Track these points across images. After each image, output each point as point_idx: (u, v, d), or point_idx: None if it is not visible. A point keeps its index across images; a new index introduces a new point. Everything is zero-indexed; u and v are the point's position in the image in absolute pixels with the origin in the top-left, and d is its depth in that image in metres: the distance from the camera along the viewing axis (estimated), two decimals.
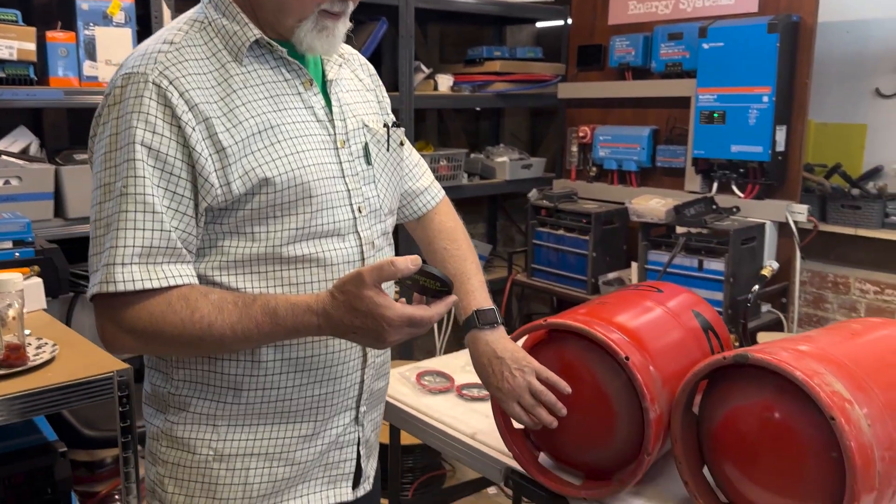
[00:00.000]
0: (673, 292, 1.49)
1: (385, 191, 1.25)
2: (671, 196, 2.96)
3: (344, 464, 1.23)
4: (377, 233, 1.21)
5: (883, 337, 1.26)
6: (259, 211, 1.08)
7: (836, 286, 3.06)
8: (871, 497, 1.02)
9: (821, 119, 3.06)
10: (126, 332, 1.05)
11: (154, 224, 1.02)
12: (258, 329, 1.03)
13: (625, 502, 1.27)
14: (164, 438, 1.16)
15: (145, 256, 1.02)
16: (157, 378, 1.18)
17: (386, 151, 1.26)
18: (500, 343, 1.26)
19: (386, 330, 1.00)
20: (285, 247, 1.10)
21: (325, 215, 1.12)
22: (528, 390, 1.22)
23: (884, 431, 1.05)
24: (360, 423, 1.24)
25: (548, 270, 3.26)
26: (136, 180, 1.02)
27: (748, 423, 1.14)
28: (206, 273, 1.10)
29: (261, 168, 1.06)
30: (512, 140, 4.14)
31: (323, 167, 1.12)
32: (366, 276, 0.99)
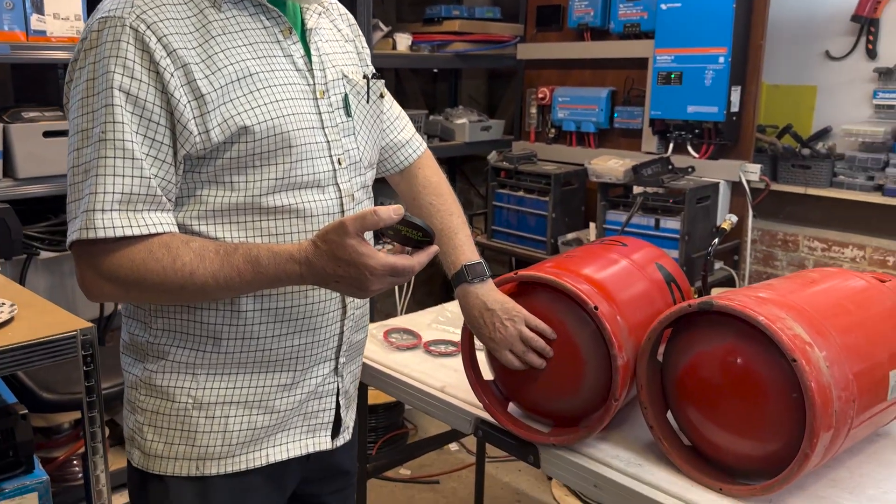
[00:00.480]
0: (637, 246, 1.52)
1: (365, 143, 1.24)
2: (629, 157, 3.00)
3: (323, 413, 1.24)
4: (357, 185, 1.21)
5: (839, 284, 1.31)
6: (238, 160, 1.07)
7: (786, 244, 3.15)
8: (828, 435, 1.08)
9: (773, 81, 3.12)
10: (106, 280, 1.03)
11: (134, 171, 1.01)
12: (240, 277, 1.03)
13: (592, 447, 1.31)
14: (143, 387, 1.16)
15: (125, 203, 1.01)
16: (135, 327, 1.17)
17: (366, 103, 1.25)
18: (490, 295, 1.29)
19: (368, 279, 1.01)
20: (264, 197, 1.09)
21: (305, 166, 1.12)
22: (519, 338, 1.25)
23: (840, 372, 1.10)
24: (339, 374, 1.25)
25: (507, 232, 3.29)
26: (114, 126, 1.00)
27: (711, 368, 1.18)
28: (185, 222, 1.08)
29: (240, 116, 1.05)
30: (470, 102, 4.13)
31: (302, 117, 1.11)
32: (348, 224, 0.99)
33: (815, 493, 1.19)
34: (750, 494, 1.15)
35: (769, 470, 1.14)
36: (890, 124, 2.80)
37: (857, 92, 2.93)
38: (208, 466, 1.16)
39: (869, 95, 2.88)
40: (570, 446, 1.31)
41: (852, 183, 2.85)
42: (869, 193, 2.81)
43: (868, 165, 2.83)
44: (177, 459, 1.16)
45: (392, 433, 3.14)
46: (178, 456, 1.15)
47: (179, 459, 1.16)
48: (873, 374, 1.19)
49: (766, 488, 1.12)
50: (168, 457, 1.16)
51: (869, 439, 1.36)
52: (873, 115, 2.89)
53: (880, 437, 1.38)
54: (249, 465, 1.18)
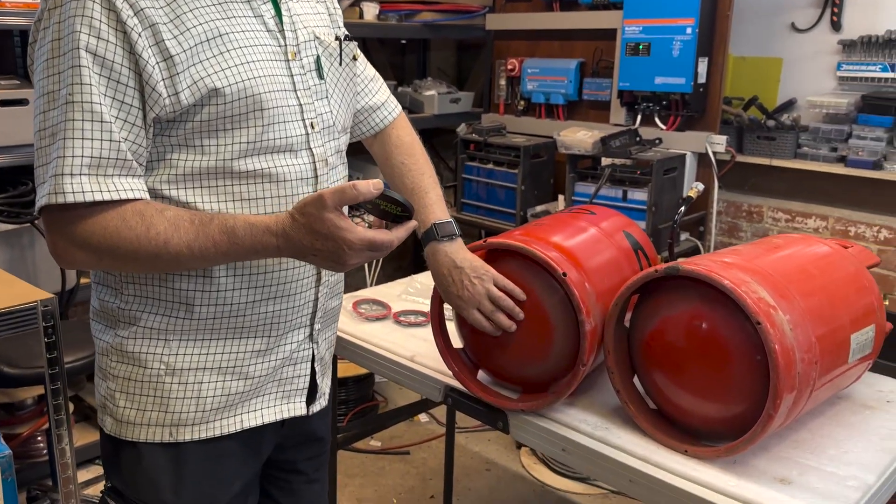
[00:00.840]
0: (605, 215, 1.53)
1: (338, 107, 1.22)
2: (597, 129, 3.01)
3: (298, 379, 1.24)
4: (331, 150, 1.19)
5: (802, 250, 1.33)
6: (209, 123, 1.04)
7: (751, 215, 3.20)
8: (791, 396, 1.10)
9: (739, 53, 3.14)
10: (78, 247, 1.01)
11: (103, 134, 0.98)
12: (215, 248, 1.01)
13: (560, 412, 1.32)
14: (115, 353, 1.14)
15: (95, 167, 0.98)
16: (105, 293, 1.15)
17: (339, 66, 1.23)
18: (458, 254, 1.28)
19: (346, 253, 1.00)
20: (236, 161, 1.07)
21: (277, 129, 1.10)
22: (487, 297, 1.25)
23: (803, 335, 1.12)
24: (314, 341, 1.24)
25: (477, 205, 3.29)
26: (81, 87, 0.97)
27: (677, 333, 1.19)
28: (156, 187, 1.06)
29: (210, 78, 1.02)
30: (439, 74, 4.09)
31: (274, 79, 1.09)
32: (327, 198, 0.97)
33: (778, 454, 1.21)
34: (714, 456, 1.17)
35: (734, 432, 1.16)
36: (853, 96, 2.84)
37: (821, 64, 2.96)
38: (182, 432, 1.15)
39: (833, 67, 2.91)
40: (538, 412, 1.33)
41: (816, 154, 2.90)
42: (832, 164, 2.86)
43: (832, 137, 2.87)
44: (150, 426, 1.14)
45: (362, 405, 3.15)
46: (151, 422, 1.14)
47: (152, 426, 1.14)
48: (835, 336, 1.21)
49: (730, 449, 1.14)
50: (141, 423, 1.14)
51: (830, 401, 1.39)
52: (837, 87, 2.93)
53: (841, 399, 1.41)
54: (223, 430, 1.17)
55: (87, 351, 2.24)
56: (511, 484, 2.77)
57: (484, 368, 1.41)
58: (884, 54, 2.78)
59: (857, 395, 1.43)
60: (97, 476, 2.63)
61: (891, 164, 2.76)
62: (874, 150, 2.75)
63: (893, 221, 2.84)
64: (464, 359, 1.41)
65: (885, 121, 2.74)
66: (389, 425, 2.95)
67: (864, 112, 2.80)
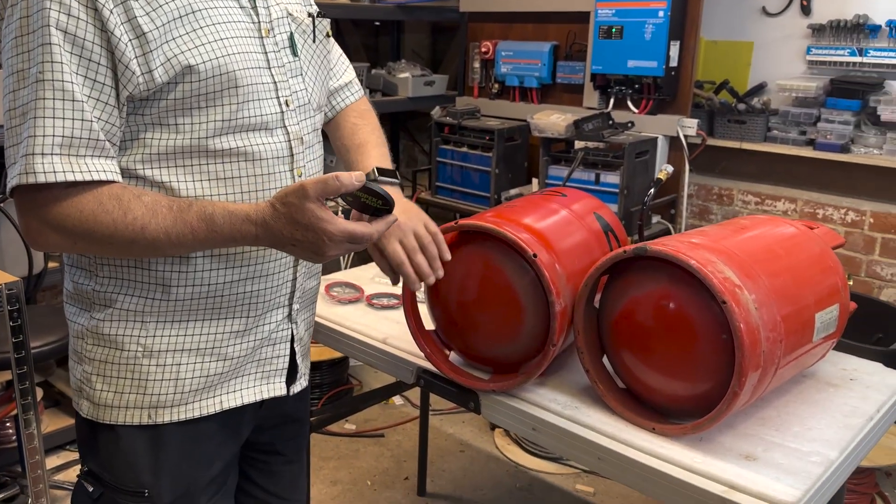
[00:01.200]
0: (576, 197, 1.54)
1: (313, 84, 1.21)
2: (570, 112, 3.01)
3: (277, 360, 1.23)
4: (306, 128, 1.19)
5: (769, 231, 1.35)
6: (182, 101, 1.03)
7: (721, 198, 3.23)
8: (756, 374, 1.12)
9: (711, 36, 3.16)
10: (53, 230, 0.99)
11: (74, 113, 0.96)
12: (193, 235, 1.00)
13: (531, 392, 1.33)
14: (90, 336, 1.13)
15: (67, 147, 0.96)
16: (79, 276, 1.13)
17: (312, 43, 1.22)
18: (396, 195, 1.23)
19: (326, 244, 0.99)
20: (211, 139, 1.06)
21: (252, 107, 1.09)
22: (412, 232, 1.22)
23: (769, 314, 1.14)
24: (293, 321, 1.24)
25: (451, 188, 3.29)
26: (52, 66, 0.95)
27: (645, 313, 1.21)
28: (130, 166, 1.05)
29: (183, 55, 1.01)
30: (413, 57, 4.07)
31: (248, 56, 1.08)
32: (309, 188, 0.97)
33: (744, 431, 1.24)
34: (681, 433, 1.18)
35: (700, 410, 1.17)
36: (822, 80, 2.88)
37: (791, 48, 2.99)
38: (160, 414, 1.14)
39: (803, 51, 2.95)
40: (509, 392, 1.34)
41: (785, 137, 2.93)
42: (801, 148, 2.89)
43: (801, 120, 2.91)
44: (127, 408, 1.14)
45: (337, 389, 3.15)
46: (129, 405, 1.13)
47: (130, 408, 1.14)
48: (800, 316, 1.23)
49: (696, 426, 1.16)
50: (118, 406, 1.14)
51: (795, 380, 1.42)
52: (807, 71, 2.96)
53: (806, 377, 1.44)
54: (202, 411, 1.17)
55: (56, 335, 2.22)
56: (485, 465, 2.79)
57: (456, 350, 1.41)
58: (852, 39, 2.81)
59: (821, 374, 1.46)
60: (68, 461, 2.60)
61: (858, 148, 2.80)
62: (842, 134, 2.79)
63: (860, 204, 2.89)
64: (436, 340, 1.42)
65: (852, 104, 2.78)
66: (363, 408, 2.96)
67: (832, 96, 2.83)
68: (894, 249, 2.84)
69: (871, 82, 2.76)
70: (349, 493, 2.61)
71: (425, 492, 2.62)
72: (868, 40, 2.79)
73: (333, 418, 2.67)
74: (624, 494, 2.60)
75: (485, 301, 1.30)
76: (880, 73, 2.79)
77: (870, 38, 2.78)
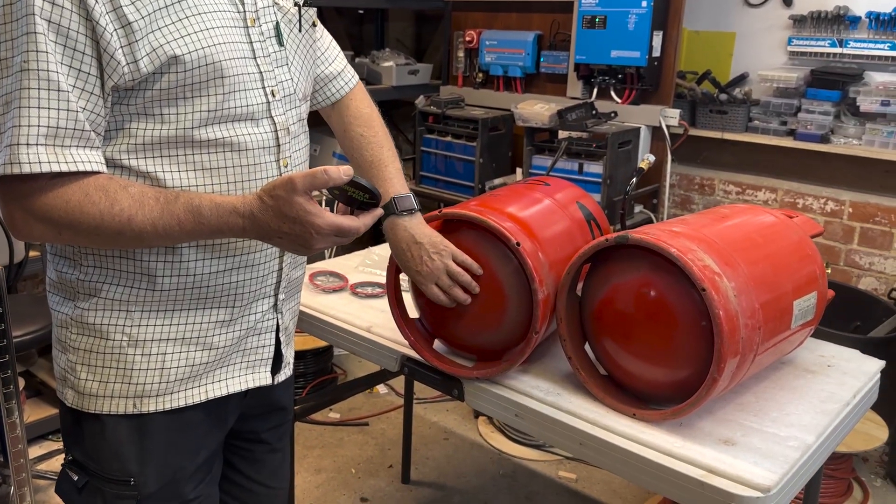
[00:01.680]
0: (559, 186, 1.55)
1: (299, 74, 1.21)
2: (554, 102, 3.02)
3: (262, 349, 1.24)
4: (292, 119, 1.19)
5: (749, 220, 1.37)
6: (168, 91, 1.03)
7: (703, 188, 3.26)
8: (735, 360, 1.13)
9: (693, 27, 3.18)
10: (39, 221, 0.99)
11: (60, 103, 0.96)
12: (180, 227, 1.00)
13: (514, 379, 1.35)
14: (75, 325, 1.12)
15: (52, 137, 0.96)
16: (62, 265, 1.13)
17: (298, 32, 1.21)
18: (418, 229, 1.28)
19: (313, 237, 1.00)
20: (197, 130, 1.06)
21: (238, 98, 1.08)
22: (445, 272, 1.26)
23: (747, 301, 1.16)
24: (278, 311, 1.24)
25: (436, 177, 3.29)
26: (37, 55, 0.94)
27: (626, 300, 1.22)
28: (115, 157, 1.04)
29: (169, 45, 1.00)
30: (397, 45, 4.06)
31: (234, 46, 1.08)
32: (297, 181, 0.97)
33: (723, 416, 1.26)
34: (661, 418, 1.20)
35: (680, 396, 1.19)
36: (803, 70, 2.90)
37: (773, 38, 3.01)
38: (146, 404, 1.14)
39: (784, 42, 2.97)
40: (492, 379, 1.35)
41: (766, 128, 2.96)
42: (782, 138, 2.92)
43: (781, 110, 2.93)
44: (112, 397, 1.13)
45: (321, 378, 3.15)
46: (114, 394, 1.13)
47: (115, 397, 1.13)
48: (778, 303, 1.25)
49: (676, 412, 1.18)
50: (104, 395, 1.13)
51: (773, 366, 1.44)
52: (788, 62, 2.98)
53: (784, 364, 1.47)
54: (188, 401, 1.17)
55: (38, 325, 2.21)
56: (468, 452, 2.81)
57: (440, 338, 1.42)
58: (832, 30, 2.84)
59: (799, 360, 1.48)
60: (51, 451, 2.59)
61: (838, 138, 2.83)
62: (822, 124, 2.82)
63: (839, 194, 2.93)
64: (420, 329, 1.42)
65: (832, 95, 2.81)
66: (348, 396, 2.97)
67: (813, 86, 2.86)
68: (873, 239, 2.89)
69: (851, 73, 2.79)
70: (333, 481, 2.62)
71: (409, 479, 2.64)
72: (848, 31, 2.82)
73: (317, 407, 2.67)
74: (605, 480, 2.63)
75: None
76: (860, 64, 2.81)
77: (850, 29, 2.81)
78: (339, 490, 2.58)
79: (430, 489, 2.60)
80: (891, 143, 2.70)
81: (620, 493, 2.58)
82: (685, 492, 1.11)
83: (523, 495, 2.56)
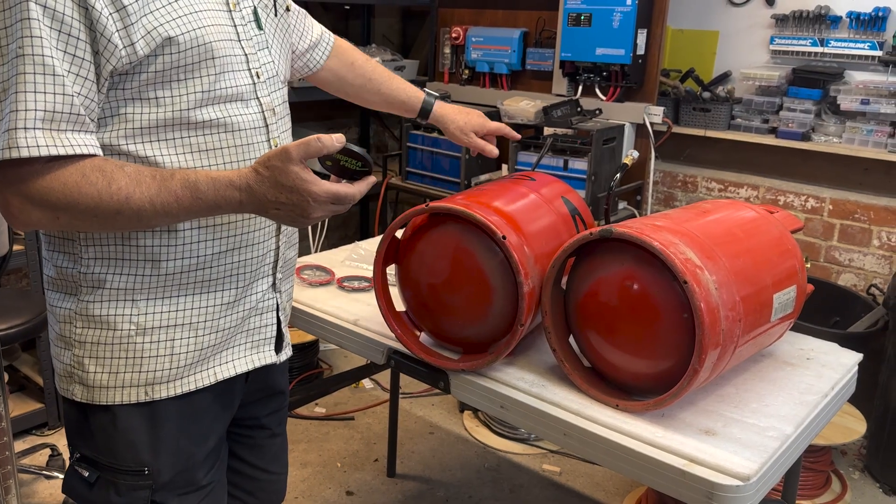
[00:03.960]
0: (545, 181, 1.56)
1: (278, 57, 1.24)
2: (540, 99, 3.04)
3: (265, 329, 1.26)
4: (277, 100, 1.21)
5: (730, 214, 1.39)
6: (162, 74, 1.04)
7: (685, 185, 3.29)
8: (716, 352, 1.16)
9: (677, 25, 3.21)
10: (36, 205, 0.99)
11: (56, 88, 0.96)
12: (178, 203, 1.01)
13: (499, 371, 1.37)
14: (80, 319, 1.13)
15: (49, 122, 0.96)
16: (62, 260, 1.13)
17: (274, 17, 1.24)
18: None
19: (311, 205, 1.01)
20: (192, 111, 1.07)
21: (227, 79, 1.10)
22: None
23: (728, 294, 1.18)
24: (277, 290, 1.26)
25: (422, 173, 3.30)
26: (32, 41, 0.94)
27: (610, 293, 1.24)
28: (113, 142, 1.05)
29: (163, 27, 1.02)
30: (384, 41, 4.06)
31: (221, 29, 1.09)
32: (292, 151, 0.98)
33: (704, 407, 1.28)
34: (643, 409, 1.22)
35: (662, 387, 1.21)
36: (784, 69, 2.94)
37: (755, 37, 3.05)
38: (157, 390, 1.15)
39: (766, 41, 3.01)
40: (478, 371, 1.36)
41: (748, 125, 2.99)
42: (764, 136, 2.96)
43: (763, 109, 2.97)
44: (124, 388, 1.14)
45: (307, 373, 3.16)
46: (126, 384, 1.14)
47: (127, 387, 1.14)
48: (759, 297, 1.27)
49: (658, 403, 1.20)
50: (114, 386, 1.14)
51: (754, 359, 1.47)
52: (770, 60, 3.02)
53: (764, 356, 1.49)
54: (198, 384, 1.18)
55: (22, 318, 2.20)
56: (454, 446, 2.83)
57: (426, 330, 1.44)
58: (814, 29, 2.88)
59: (779, 353, 1.51)
60: (34, 446, 2.59)
61: (818, 136, 2.87)
62: (803, 122, 2.86)
63: (820, 191, 2.97)
64: (406, 321, 1.44)
65: (813, 93, 2.85)
66: (333, 390, 2.97)
67: (794, 85, 2.90)
68: (852, 235, 2.93)
69: (832, 72, 2.83)
70: (319, 475, 2.63)
71: (395, 473, 2.65)
72: (829, 31, 2.86)
73: (303, 401, 2.68)
74: (589, 473, 2.66)
75: (455, 282, 1.32)
76: (840, 63, 2.86)
77: (831, 28, 2.85)
78: (324, 484, 2.59)
79: (415, 482, 2.62)
80: (870, 142, 2.75)
81: (603, 486, 2.61)
82: (667, 480, 1.13)
83: (508, 488, 2.59)
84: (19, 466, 2.42)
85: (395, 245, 1.40)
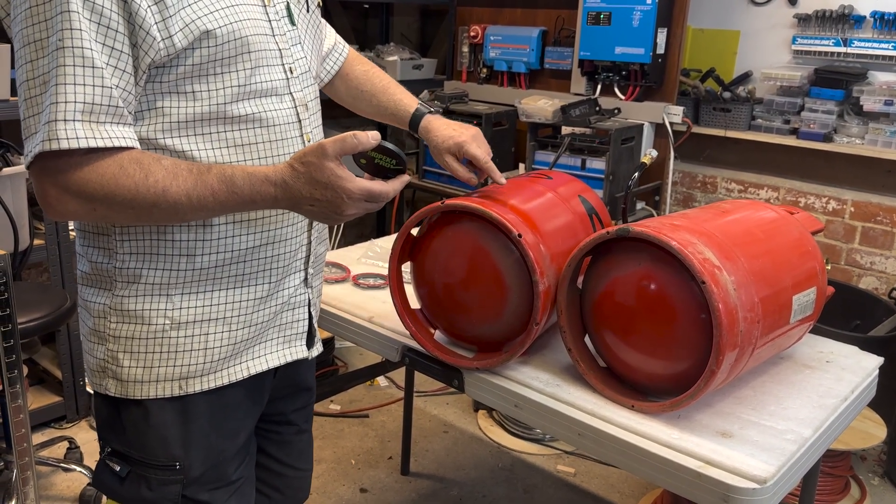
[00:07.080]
0: (562, 180, 1.56)
1: (310, 53, 1.24)
2: (558, 98, 3.03)
3: (297, 324, 1.26)
4: (310, 95, 1.22)
5: (750, 215, 1.37)
6: (199, 67, 1.04)
7: (705, 185, 3.26)
8: (733, 353, 1.14)
9: (698, 24, 3.18)
10: (73, 196, 1.00)
11: (95, 80, 0.97)
12: (214, 197, 1.01)
13: (514, 370, 1.36)
14: (114, 314, 1.13)
15: (88, 114, 0.97)
16: (96, 255, 1.14)
17: (306, 13, 1.24)
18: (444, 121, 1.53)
19: (345, 202, 1.01)
20: (228, 106, 1.08)
21: (262, 73, 1.11)
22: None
23: (747, 295, 1.16)
24: (309, 285, 1.27)
25: (439, 172, 3.30)
26: (72, 33, 0.95)
27: (626, 293, 1.23)
28: (150, 136, 1.06)
29: (201, 20, 1.02)
30: (402, 40, 4.06)
31: (256, 23, 1.10)
32: (328, 147, 0.99)
33: (721, 409, 1.27)
34: (659, 410, 1.21)
35: (679, 388, 1.20)
36: (807, 69, 2.91)
37: (777, 37, 3.02)
38: (191, 384, 1.16)
39: (788, 41, 2.97)
40: (492, 370, 1.36)
41: (769, 126, 2.96)
42: (785, 136, 2.93)
43: (785, 109, 2.94)
44: (158, 382, 1.15)
45: (322, 370, 3.17)
46: (160, 378, 1.15)
47: (161, 381, 1.15)
48: (778, 298, 1.26)
49: (674, 404, 1.19)
50: (149, 380, 1.15)
51: (772, 361, 1.45)
52: (791, 60, 2.99)
53: (783, 359, 1.47)
54: (231, 378, 1.19)
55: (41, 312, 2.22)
56: (468, 445, 2.83)
57: (440, 328, 1.43)
58: (837, 29, 2.84)
59: (798, 356, 1.49)
60: (52, 438, 2.61)
61: (840, 137, 2.84)
62: (825, 123, 2.83)
63: (841, 193, 2.93)
64: (421, 319, 1.43)
65: (836, 94, 2.81)
66: (348, 388, 2.98)
67: (816, 85, 2.86)
68: (874, 238, 2.89)
69: (855, 72, 2.79)
70: (333, 472, 2.63)
71: (409, 471, 2.65)
72: (853, 31, 2.82)
73: (318, 398, 2.68)
74: (604, 475, 2.65)
75: (470, 280, 1.32)
76: (864, 64, 2.82)
77: (854, 28, 2.81)
78: (338, 480, 2.59)
79: (429, 481, 2.61)
80: (893, 143, 2.71)
81: (618, 488, 2.59)
82: (682, 482, 1.12)
83: (521, 488, 2.58)
84: (37, 458, 2.45)
85: (411, 243, 1.40)
